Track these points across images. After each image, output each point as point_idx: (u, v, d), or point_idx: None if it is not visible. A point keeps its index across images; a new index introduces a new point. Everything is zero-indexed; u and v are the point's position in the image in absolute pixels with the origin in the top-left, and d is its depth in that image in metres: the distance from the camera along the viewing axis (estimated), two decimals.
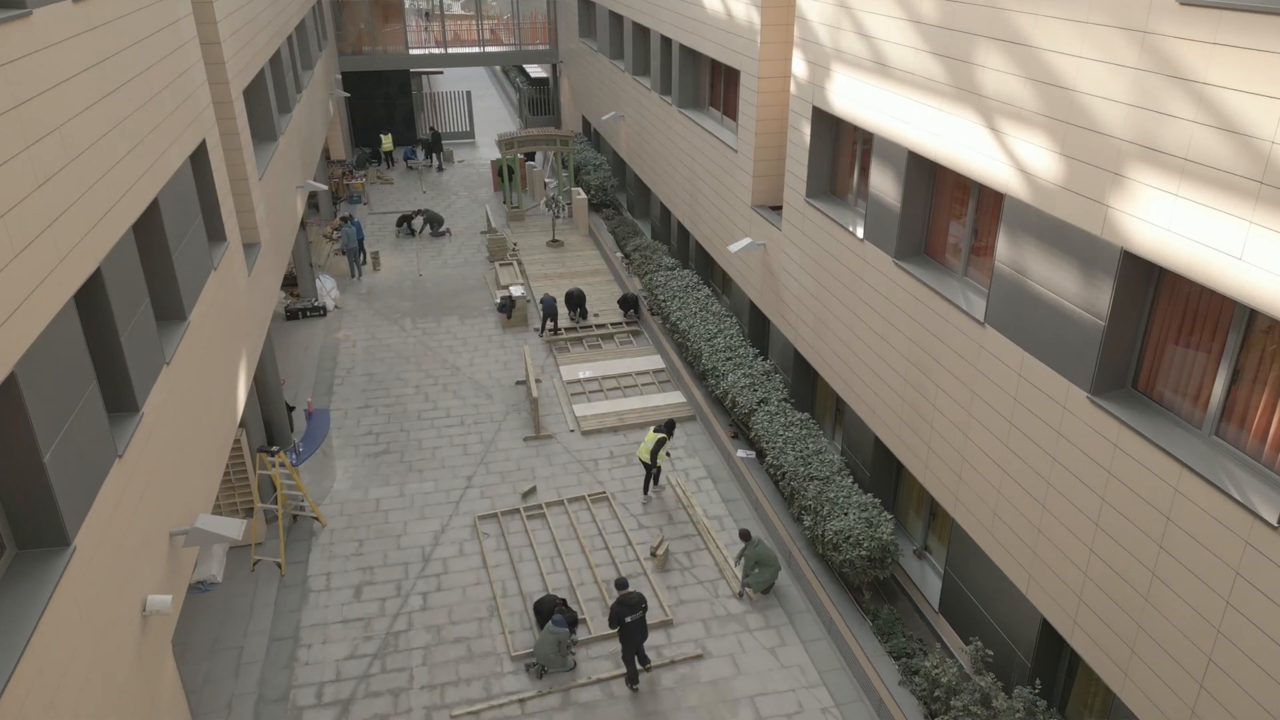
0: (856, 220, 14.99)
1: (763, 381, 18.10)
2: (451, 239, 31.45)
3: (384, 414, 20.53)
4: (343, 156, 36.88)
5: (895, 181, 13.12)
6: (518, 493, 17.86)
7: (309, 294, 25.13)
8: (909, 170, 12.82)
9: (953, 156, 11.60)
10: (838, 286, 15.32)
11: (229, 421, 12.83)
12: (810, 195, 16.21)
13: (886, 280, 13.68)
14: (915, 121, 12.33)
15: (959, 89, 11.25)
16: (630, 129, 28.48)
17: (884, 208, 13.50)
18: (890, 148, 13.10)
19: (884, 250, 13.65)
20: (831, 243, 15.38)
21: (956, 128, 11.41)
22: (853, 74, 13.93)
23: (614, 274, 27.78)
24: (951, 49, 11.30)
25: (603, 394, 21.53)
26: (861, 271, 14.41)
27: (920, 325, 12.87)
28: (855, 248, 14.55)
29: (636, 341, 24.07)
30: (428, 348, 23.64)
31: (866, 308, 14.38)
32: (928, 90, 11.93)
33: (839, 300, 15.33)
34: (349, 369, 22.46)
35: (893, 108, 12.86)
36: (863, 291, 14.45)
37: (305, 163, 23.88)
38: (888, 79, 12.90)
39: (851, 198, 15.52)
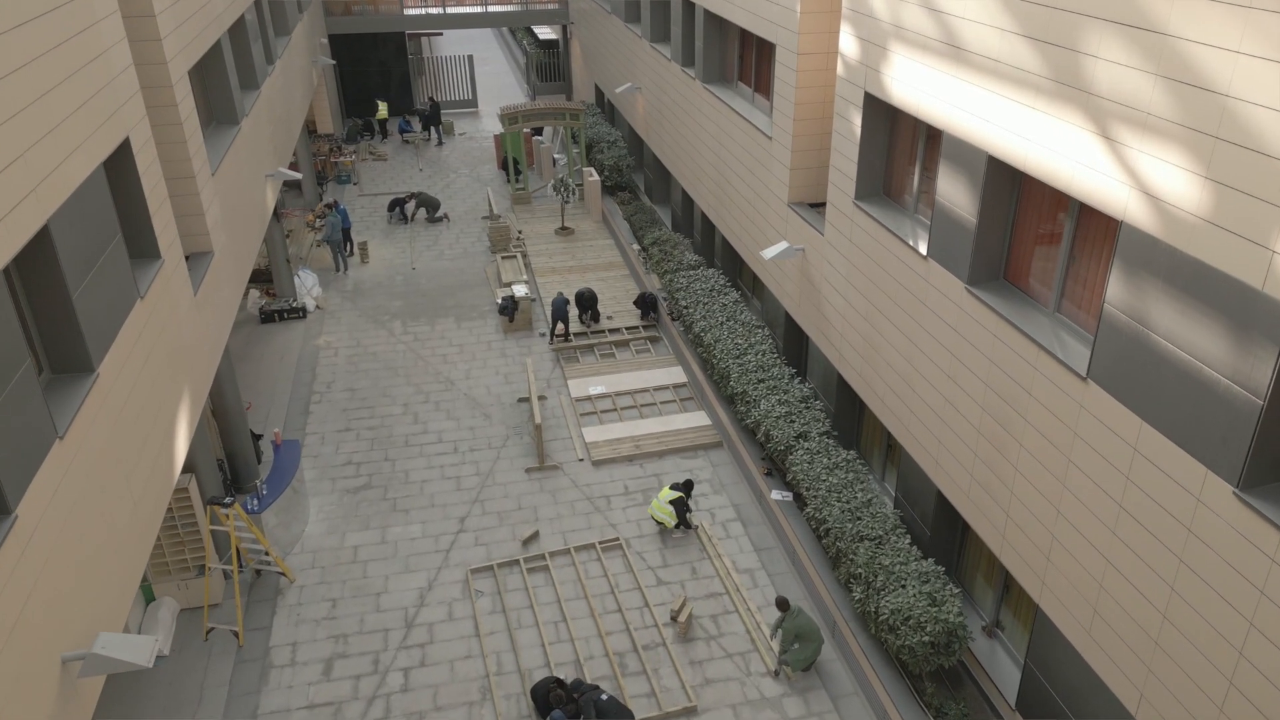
0: (918, 232, 13.13)
1: (800, 410, 16.31)
2: (449, 225, 29.68)
3: (366, 439, 18.88)
4: (330, 130, 35.08)
5: (969, 190, 11.24)
6: (517, 539, 16.21)
7: (286, 293, 23.48)
8: (988, 178, 10.94)
9: (1047, 166, 9.72)
10: (893, 309, 13.48)
11: (162, 480, 11.20)
12: (860, 197, 14.34)
13: (956, 309, 11.84)
14: (998, 119, 10.44)
15: (1060, 83, 9.34)
16: (648, 103, 26.53)
17: (954, 221, 11.64)
18: (964, 149, 11.22)
19: (953, 272, 11.80)
20: (885, 256, 13.53)
21: (1054, 131, 9.52)
22: (917, 56, 12.01)
23: (630, 268, 25.96)
24: (1051, 31, 9.39)
25: (616, 413, 19.82)
26: (924, 295, 12.57)
27: (999, 369, 11.04)
28: (916, 265, 12.70)
29: (655, 349, 22.30)
30: (419, 356, 21.96)
31: (929, 338, 12.55)
32: (1017, 82, 10.02)
33: (894, 325, 13.50)
34: (329, 383, 20.81)
35: (969, 101, 10.96)
36: (925, 319, 12.61)
37: (279, 145, 22.14)
38: (963, 65, 10.98)
39: (911, 203, 13.64)
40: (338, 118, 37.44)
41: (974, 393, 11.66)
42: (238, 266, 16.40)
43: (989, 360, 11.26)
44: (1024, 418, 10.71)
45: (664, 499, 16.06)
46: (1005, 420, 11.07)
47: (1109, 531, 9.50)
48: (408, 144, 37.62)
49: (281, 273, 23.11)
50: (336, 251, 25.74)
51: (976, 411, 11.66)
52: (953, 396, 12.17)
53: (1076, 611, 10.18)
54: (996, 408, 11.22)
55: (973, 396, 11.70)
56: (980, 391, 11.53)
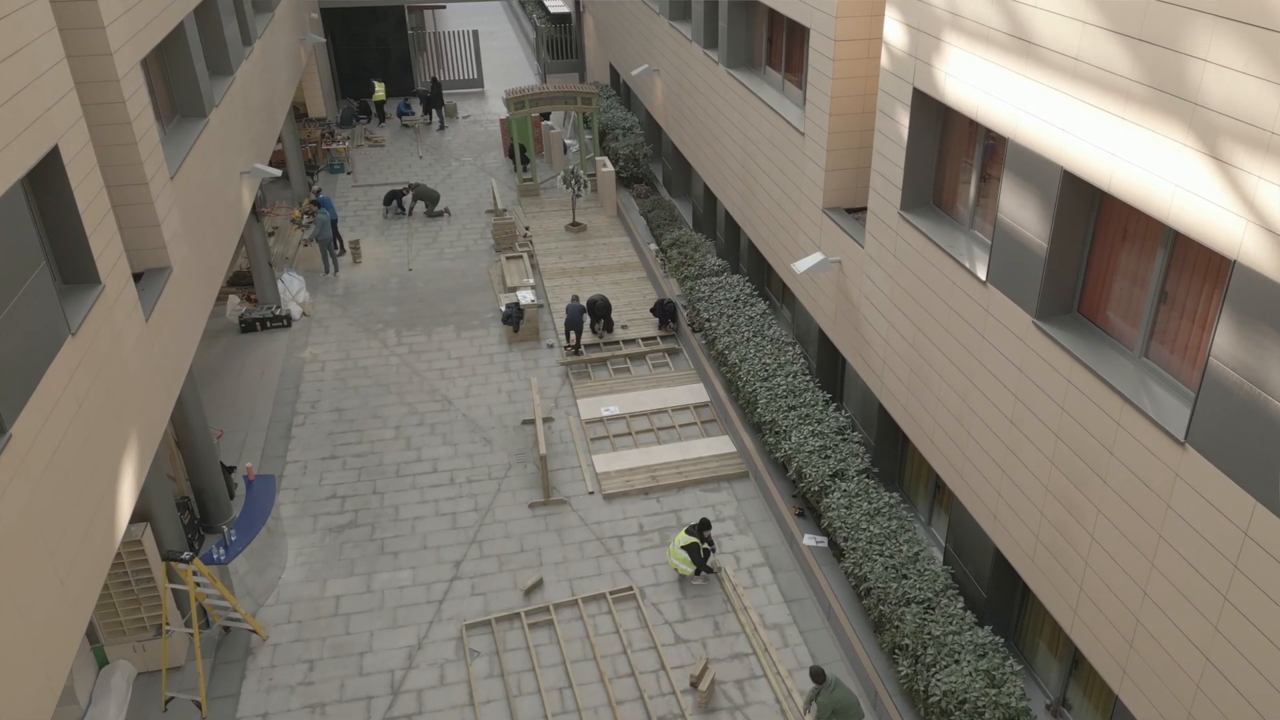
0: (974, 251, 11.97)
1: (837, 444, 15.20)
2: (450, 220, 28.65)
3: (353, 468, 17.90)
4: (322, 114, 34.06)
5: (1040, 209, 10.08)
6: (519, 588, 15.20)
7: (269, 299, 22.51)
8: (1062, 196, 9.78)
9: (1137, 188, 8.56)
10: (944, 338, 12.34)
11: (100, 547, 10.24)
12: (907, 207, 13.19)
13: (1021, 346, 10.69)
14: (1077, 129, 9.27)
15: (1157, 90, 8.16)
16: (667, 88, 25.37)
17: (1019, 243, 10.48)
18: (1033, 161, 10.05)
19: (1017, 302, 10.66)
20: (936, 277, 12.38)
21: (1148, 147, 8.35)
22: (978, 50, 10.84)
23: (647, 270, 24.86)
24: (1148, 27, 8.21)
25: (630, 437, 18.76)
26: (982, 325, 11.43)
27: (1073, 420, 9.91)
28: (973, 291, 11.55)
29: (674, 362, 21.22)
30: (414, 371, 20.95)
31: (988, 376, 11.41)
32: (1102, 87, 8.84)
33: (946, 356, 12.36)
34: (314, 402, 19.84)
35: (1041, 105, 9.79)
36: (983, 353, 11.47)
37: (259, 136, 21.12)
38: (1035, 64, 9.81)
39: (966, 216, 12.47)
40: (331, 100, 36.43)
41: (1042, 443, 10.53)
42: (204, 280, 15.41)
43: (1060, 408, 10.12)
44: (1103, 479, 9.58)
45: (679, 544, 15.03)
46: (1079, 479, 9.94)
47: (1209, 625, 8.38)
48: (407, 128, 36.58)
49: (263, 277, 22.14)
50: (326, 251, 24.74)
51: (1044, 465, 10.53)
52: (1016, 445, 11.04)
53: (1166, 710, 9.07)
54: (1069, 464, 10.08)
55: (1040, 448, 10.57)
56: (1049, 443, 10.40)
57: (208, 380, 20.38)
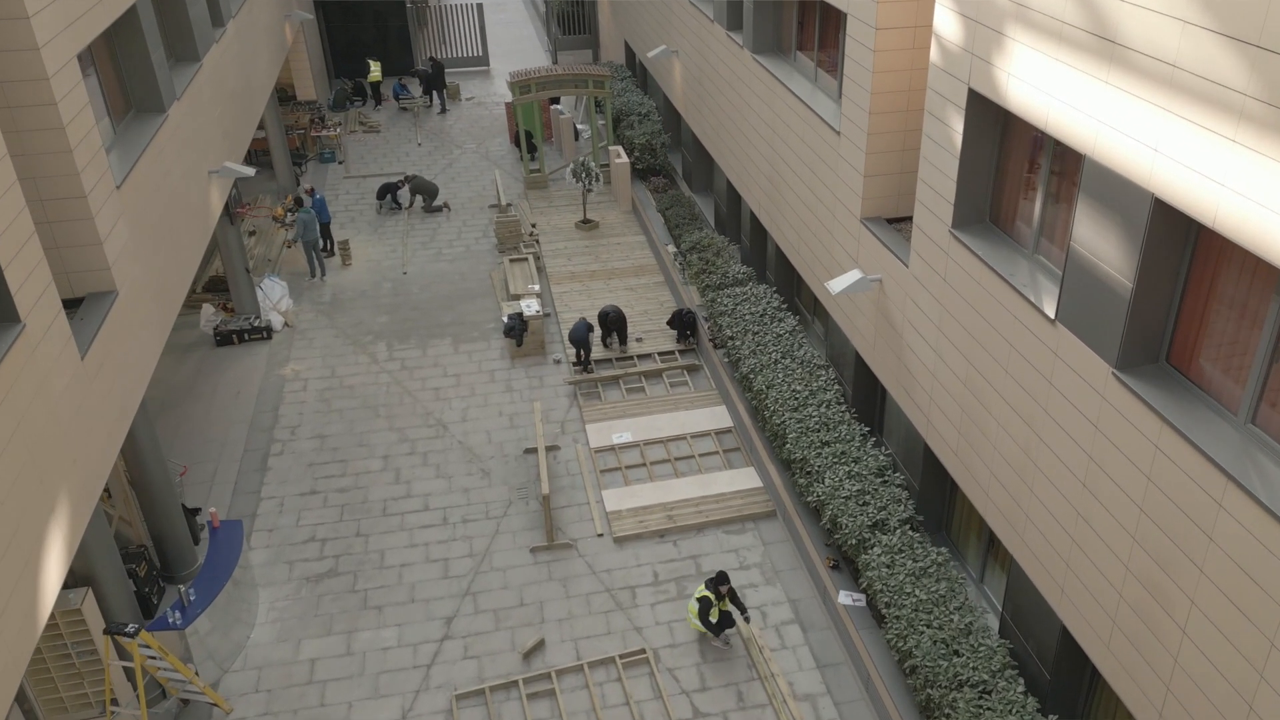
0: (1040, 281, 10.83)
1: (876, 488, 14.12)
2: (450, 216, 27.63)
3: (335, 505, 16.95)
4: (313, 96, 33.05)
5: (1124, 241, 8.95)
6: (517, 650, 14.22)
7: (247, 309, 21.56)
8: (1153, 228, 8.64)
9: (1248, 225, 7.41)
10: (1003, 380, 11.22)
11: (16, 635, 9.30)
12: (959, 225, 12.06)
13: (1096, 398, 9.58)
14: (1174, 150, 8.12)
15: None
16: (687, 72, 24.22)
17: (1097, 279, 9.35)
18: (1117, 184, 8.91)
19: (1094, 347, 9.53)
20: (993, 308, 11.26)
21: (1266, 177, 7.21)
22: (1049, 49, 9.69)
23: (665, 273, 23.77)
24: (1270, 31, 7.05)
25: (645, 468, 17.74)
26: (1049, 370, 10.31)
27: (1162, 493, 8.80)
28: (1038, 329, 10.43)
29: (693, 380, 20.15)
30: (406, 391, 19.96)
31: (1056, 429, 10.30)
32: (1207, 101, 7.69)
33: (1005, 401, 11.25)
34: (293, 428, 18.88)
35: (1127, 119, 8.65)
36: (1050, 402, 10.36)
37: (233, 129, 20.08)
38: (1121, 69, 8.66)
39: (1029, 239, 11.33)
40: (322, 81, 35.40)
41: (1122, 515, 9.42)
42: (162, 300, 14.43)
43: (1145, 477, 9.01)
44: (1199, 568, 8.47)
45: (695, 596, 14.01)
46: (1169, 563, 8.84)
47: None
48: (405, 111, 35.55)
49: (240, 285, 21.20)
50: (312, 253, 23.76)
51: (1124, 540, 9.43)
52: (1089, 512, 9.94)
53: None
54: (1156, 543, 8.98)
55: (1119, 520, 9.46)
56: (1131, 516, 9.29)
57: (176, 401, 19.47)
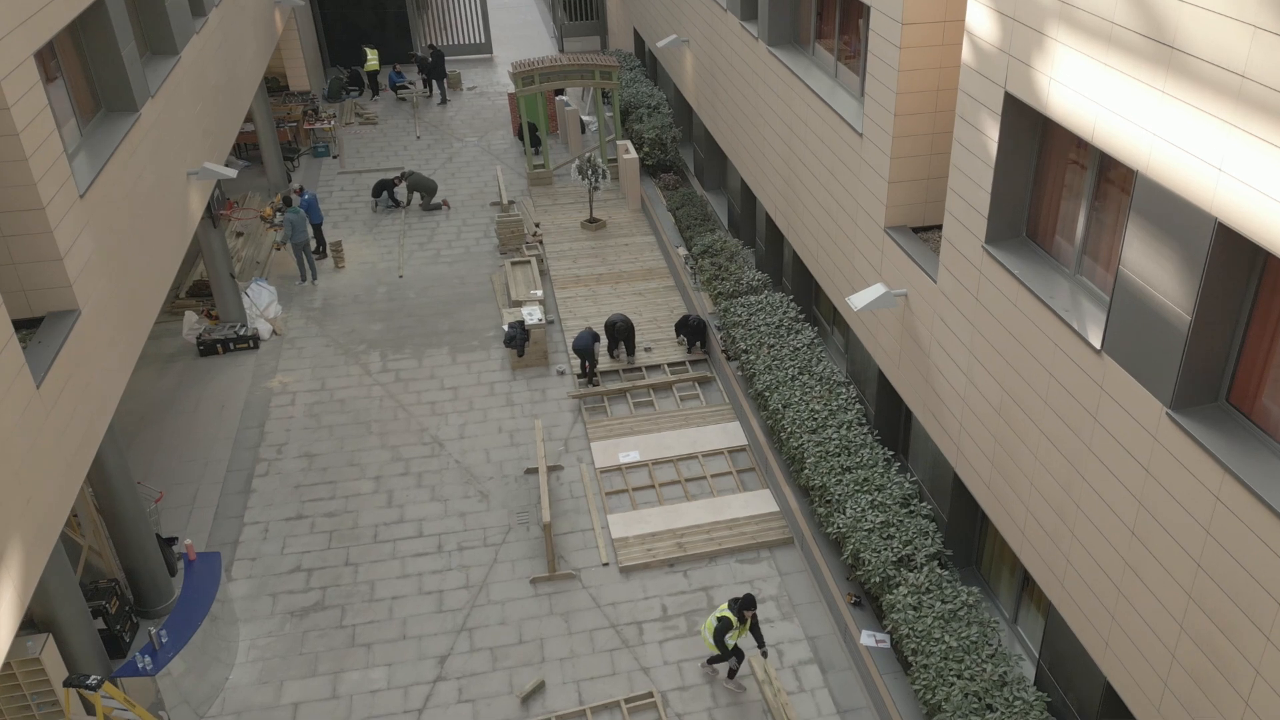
0: (1083, 306, 10.20)
1: (901, 519, 13.52)
2: (449, 215, 27.06)
3: (323, 531, 16.41)
4: (306, 86, 32.48)
5: (1182, 269, 8.31)
6: (515, 693, 13.68)
7: (233, 316, 21.02)
8: (1215, 255, 8.00)
9: None
10: (1041, 411, 10.60)
11: None
12: (993, 239, 11.42)
13: (1148, 440, 8.95)
14: (1240, 170, 7.48)
15: None
16: (698, 63, 23.57)
17: (1149, 309, 8.72)
18: (1175, 205, 8.28)
19: (1145, 384, 8.90)
20: (1030, 332, 10.63)
21: None
22: (1097, 52, 9.04)
23: (675, 277, 23.15)
24: None
25: (653, 490, 17.17)
26: (1094, 404, 9.68)
27: (1223, 549, 8.17)
28: (1082, 359, 9.80)
29: (705, 394, 19.55)
30: (400, 405, 19.41)
31: (1102, 471, 9.68)
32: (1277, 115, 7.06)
33: (1044, 434, 10.62)
34: (280, 445, 18.35)
35: (1188, 134, 8.00)
36: (1096, 441, 9.73)
37: (216, 126, 19.45)
38: (1182, 77, 8.01)
39: (1071, 258, 10.69)
40: (316, 70, 34.82)
41: (1176, 569, 8.80)
42: (133, 316, 13.86)
43: (1204, 530, 8.39)
44: (1265, 635, 7.85)
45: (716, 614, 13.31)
46: (1231, 627, 8.22)
47: None
48: (403, 101, 34.97)
49: (225, 291, 20.66)
50: (302, 256, 23.21)
51: (1178, 597, 8.81)
52: (1139, 563, 9.32)
53: None
54: (1216, 603, 8.36)
55: (1173, 574, 8.84)
56: (1187, 571, 8.67)
57: (156, 417, 18.94)
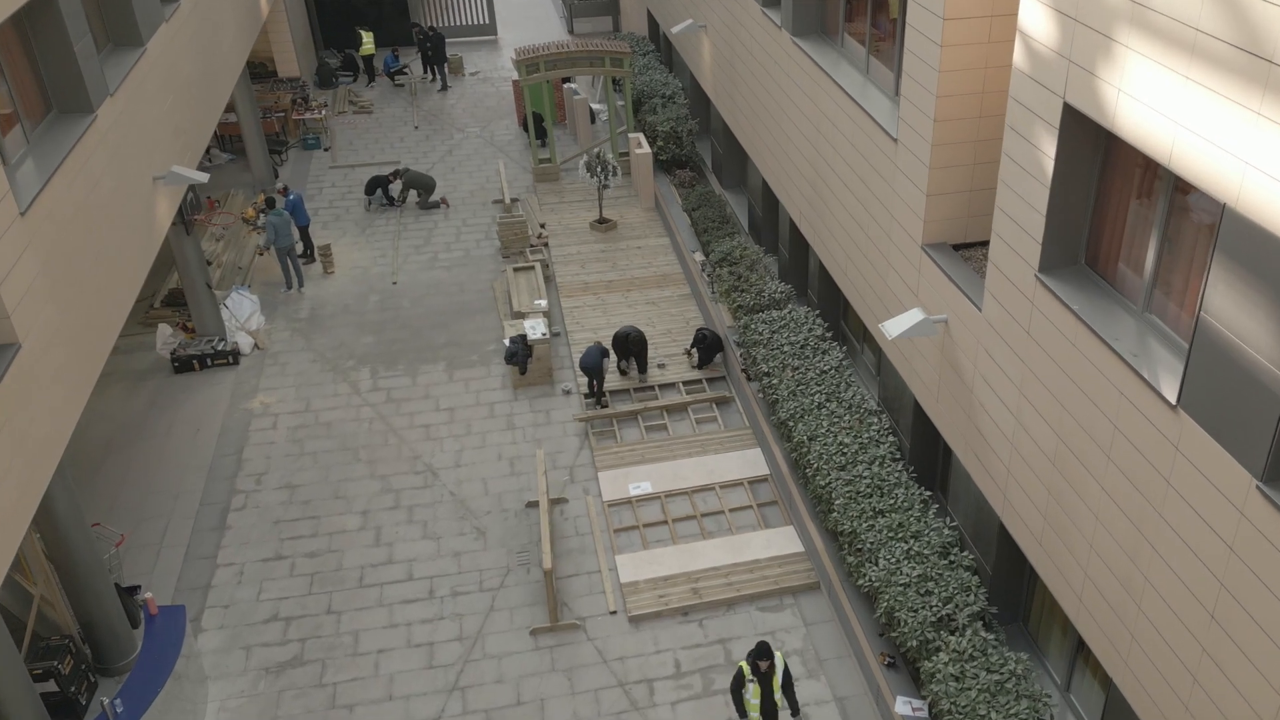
0: (1154, 352, 9.32)
1: (941, 571, 12.69)
2: (448, 214, 26.28)
3: (304, 574, 15.68)
4: (296, 73, 31.73)
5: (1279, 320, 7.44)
6: None
7: (210, 329, 20.28)
8: None
9: None
10: (1104, 468, 9.74)
11: None
12: (1048, 268, 10.55)
13: (1233, 515, 8.08)
14: None
15: None
16: (716, 51, 22.69)
17: (1237, 364, 7.84)
18: (1272, 248, 7.39)
19: (1232, 451, 8.02)
20: (1090, 375, 9.76)
21: None
22: (1176, 63, 8.14)
23: (691, 285, 22.33)
24: None
25: (666, 527, 16.41)
26: (1168, 467, 8.81)
27: None
28: (1154, 413, 8.93)
29: (722, 415, 18.74)
30: (392, 429, 18.65)
31: (1177, 544, 8.82)
32: None
33: (1106, 494, 9.77)
34: (259, 475, 17.60)
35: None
36: (1170, 508, 8.87)
37: (188, 123, 18.56)
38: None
39: (1139, 292, 9.81)
40: (307, 55, 34.02)
41: (1268, 666, 7.95)
42: (83, 345, 12.98)
43: None
44: None
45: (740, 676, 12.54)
46: None
47: None
48: (400, 87, 34.19)
49: (201, 303, 19.92)
50: (287, 261, 22.46)
51: (1271, 700, 7.95)
52: (1220, 652, 8.46)
53: None
54: None
55: (1264, 672, 7.99)
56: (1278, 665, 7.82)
57: (124, 442, 18.21)
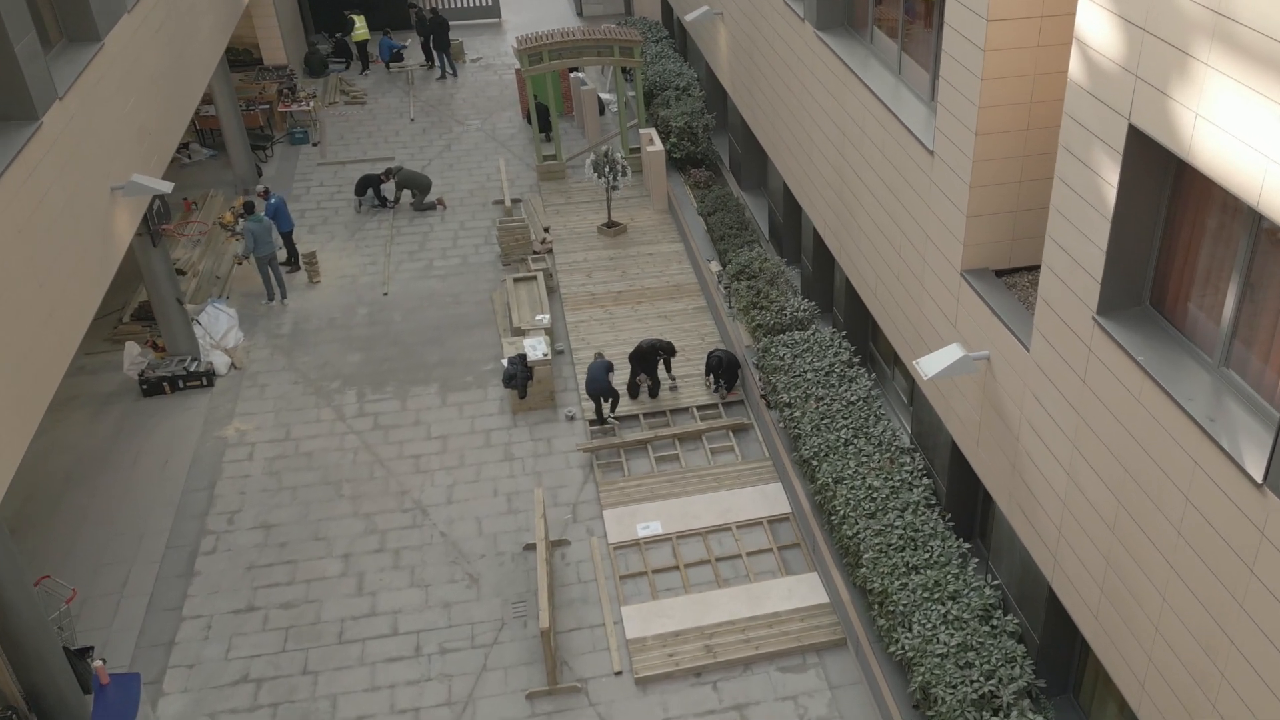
0: (1234, 418, 8.43)
1: (983, 639, 11.85)
2: (444, 216, 25.50)
3: (278, 628, 14.92)
4: (283, 60, 31.00)
5: None
6: None
7: (182, 348, 19.50)
8: None
9: None
10: (1175, 545, 8.88)
11: None
12: (1107, 309, 9.67)
13: None
14: None
15: None
16: (734, 41, 21.82)
17: None
18: None
19: None
20: (1157, 437, 8.90)
21: None
22: (1269, 87, 7.25)
23: (707, 297, 21.47)
24: None
25: (678, 573, 15.61)
26: (1251, 552, 7.95)
27: None
28: (1234, 489, 8.06)
29: (740, 444, 17.90)
30: (378, 460, 17.88)
31: (1260, 642, 7.96)
32: None
33: (1176, 573, 8.92)
34: (232, 514, 16.86)
35: None
36: (1253, 598, 8.01)
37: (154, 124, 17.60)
38: None
39: (1216, 343, 8.92)
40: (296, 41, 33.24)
41: None
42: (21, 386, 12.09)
43: None
44: None
45: None
46: None
47: None
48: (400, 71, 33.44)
49: (172, 320, 19.15)
50: (268, 271, 21.69)
51: None
52: None
53: None
54: None
55: None
56: None
57: (85, 475, 17.45)
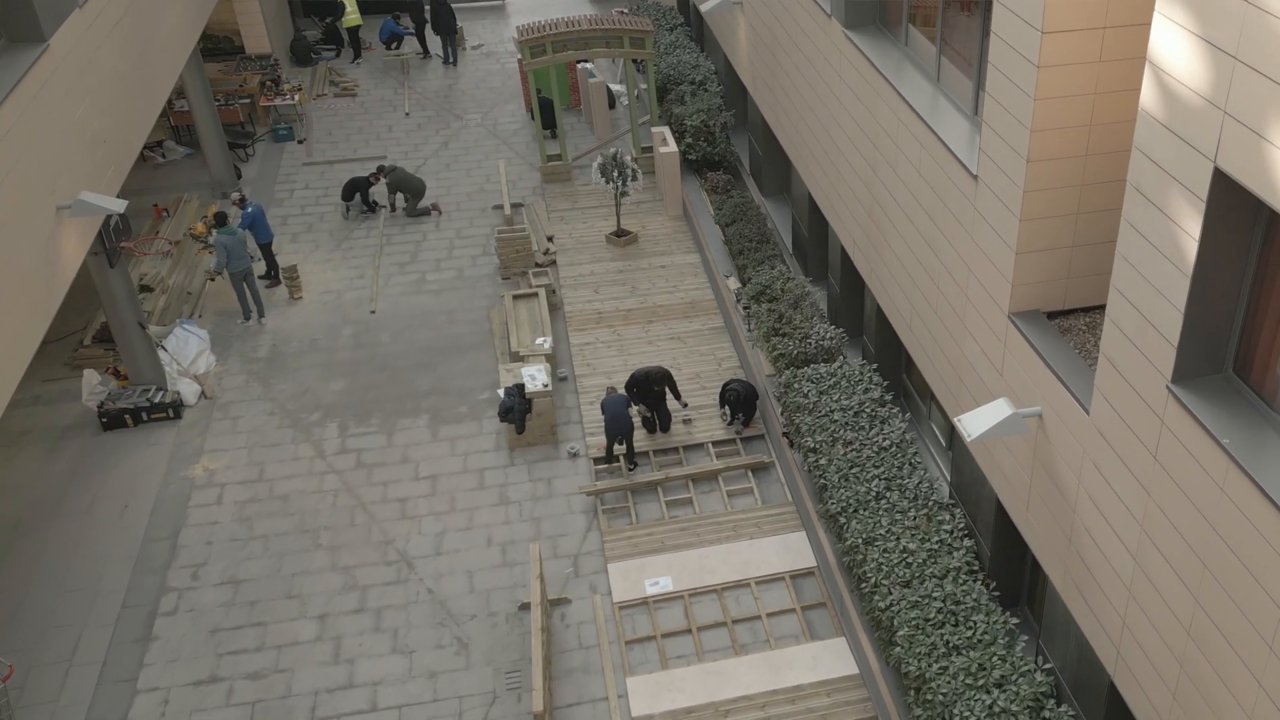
0: None
1: None
2: (439, 222, 24.81)
3: (243, 703, 14.15)
4: (268, 49, 30.31)
5: None
6: None
7: (147, 376, 18.73)
8: None
9: None
10: (1265, 661, 7.98)
11: None
12: (1184, 377, 8.75)
13: None
14: None
15: None
16: (754, 34, 20.94)
17: None
18: None
19: None
20: (1244, 532, 8.00)
21: None
22: None
23: (724, 315, 20.63)
24: None
25: (690, 637, 14.90)
26: None
27: None
28: None
29: (760, 486, 17.11)
30: (360, 504, 17.08)
31: None
32: None
33: (1266, 693, 8.02)
34: (197, 567, 16.07)
35: None
36: None
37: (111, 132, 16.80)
38: None
39: None
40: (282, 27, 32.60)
41: None
42: None
43: None
44: None
45: None
46: None
47: None
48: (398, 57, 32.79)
49: (134, 346, 18.38)
50: (243, 287, 20.93)
51: None
52: None
53: None
54: None
55: None
56: None
57: (37, 524, 16.68)
